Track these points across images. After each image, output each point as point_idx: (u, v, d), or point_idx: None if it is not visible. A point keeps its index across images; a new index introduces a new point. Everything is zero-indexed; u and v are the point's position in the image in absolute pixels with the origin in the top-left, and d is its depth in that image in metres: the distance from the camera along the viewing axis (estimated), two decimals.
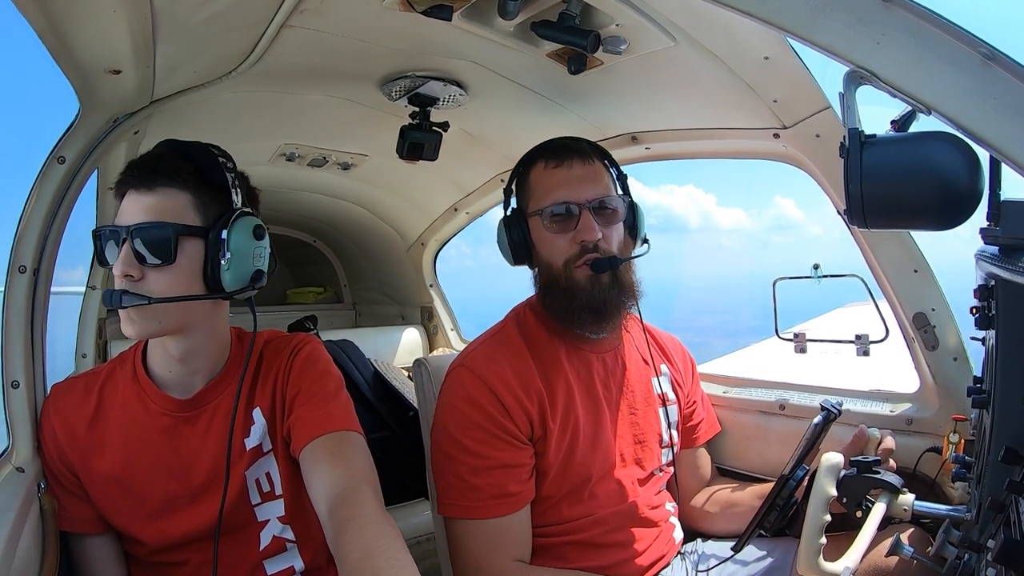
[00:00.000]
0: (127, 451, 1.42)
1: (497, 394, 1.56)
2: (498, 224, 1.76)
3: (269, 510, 1.50)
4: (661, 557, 1.72)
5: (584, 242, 1.61)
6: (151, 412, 1.44)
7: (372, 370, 3.08)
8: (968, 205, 0.96)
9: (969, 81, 0.90)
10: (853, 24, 0.96)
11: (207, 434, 1.45)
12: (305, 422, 1.43)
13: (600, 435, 1.67)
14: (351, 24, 1.59)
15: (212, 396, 1.47)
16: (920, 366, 1.77)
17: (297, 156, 2.63)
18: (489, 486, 1.54)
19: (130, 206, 1.32)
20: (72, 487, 1.43)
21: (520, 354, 1.65)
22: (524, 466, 1.58)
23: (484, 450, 1.55)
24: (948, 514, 1.37)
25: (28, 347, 1.46)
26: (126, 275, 1.28)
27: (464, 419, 1.57)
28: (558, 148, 1.70)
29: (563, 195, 1.62)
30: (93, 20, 1.19)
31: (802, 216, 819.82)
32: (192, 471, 1.44)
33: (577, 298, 1.62)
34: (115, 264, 1.29)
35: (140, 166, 1.33)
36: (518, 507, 1.56)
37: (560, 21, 1.53)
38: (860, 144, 1.00)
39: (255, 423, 1.49)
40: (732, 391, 2.19)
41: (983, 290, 1.19)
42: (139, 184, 1.31)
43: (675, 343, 2.00)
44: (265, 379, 1.52)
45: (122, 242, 1.29)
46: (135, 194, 1.32)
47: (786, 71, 1.58)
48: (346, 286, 4.34)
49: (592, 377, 1.72)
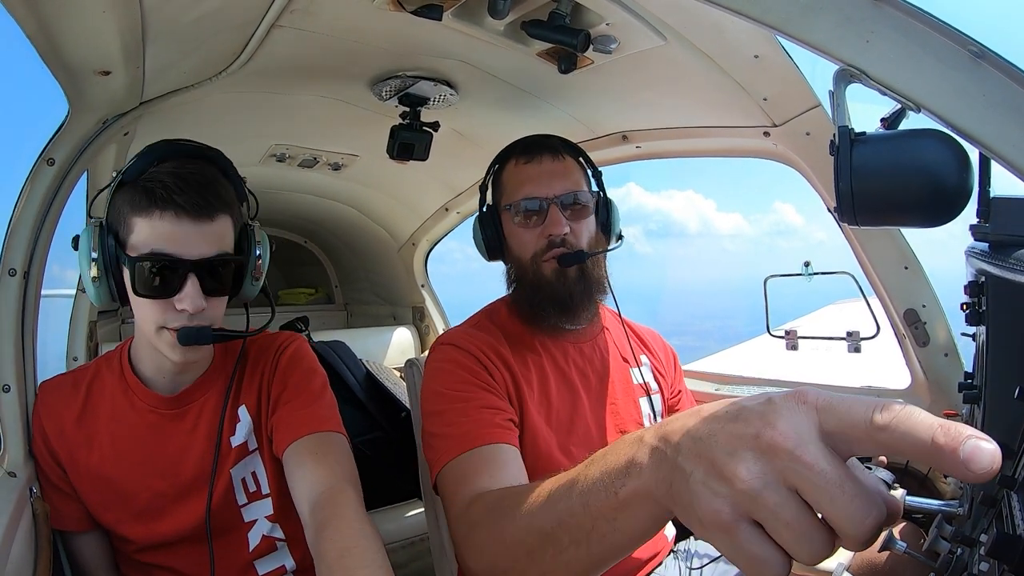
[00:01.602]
0: (114, 448, 1.42)
1: (477, 357, 1.56)
2: (474, 221, 1.77)
3: (256, 510, 1.50)
4: (654, 555, 1.71)
5: (551, 236, 1.61)
6: (138, 409, 1.44)
7: (364, 371, 3.07)
8: (958, 202, 0.97)
9: (958, 79, 0.91)
10: (843, 22, 0.97)
11: (194, 431, 1.46)
12: (289, 422, 1.43)
13: (577, 422, 1.66)
14: (341, 24, 1.59)
15: (198, 394, 1.47)
16: (911, 362, 1.78)
17: (287, 157, 2.62)
18: (474, 422, 1.45)
19: (186, 233, 1.26)
20: (61, 484, 1.43)
21: (494, 335, 1.66)
22: (509, 412, 1.53)
23: (471, 393, 1.51)
24: (940, 509, 1.37)
25: (19, 351, 1.45)
26: (197, 309, 1.28)
27: (448, 375, 1.55)
28: (529, 144, 1.71)
29: (531, 190, 1.63)
30: (82, 21, 1.19)
31: (802, 222, 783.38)
32: (178, 468, 1.44)
33: (542, 291, 1.63)
34: (181, 299, 1.27)
35: (191, 188, 1.26)
36: (498, 439, 1.42)
37: (550, 20, 1.53)
38: (850, 142, 1.00)
39: (240, 421, 1.49)
40: (723, 388, 2.19)
41: (973, 286, 1.20)
42: (196, 212, 1.26)
43: (654, 336, 1.99)
44: (251, 377, 1.52)
45: (186, 275, 1.27)
46: (190, 222, 1.26)
47: (776, 69, 1.58)
48: (337, 287, 4.33)
49: (569, 366, 1.71)
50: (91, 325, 2.68)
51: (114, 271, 1.31)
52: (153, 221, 1.25)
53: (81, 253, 1.30)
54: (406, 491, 2.81)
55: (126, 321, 3.25)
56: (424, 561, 2.64)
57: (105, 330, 2.97)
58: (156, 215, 1.24)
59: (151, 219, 1.25)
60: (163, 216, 1.24)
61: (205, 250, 1.28)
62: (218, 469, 1.42)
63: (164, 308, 1.29)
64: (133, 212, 1.26)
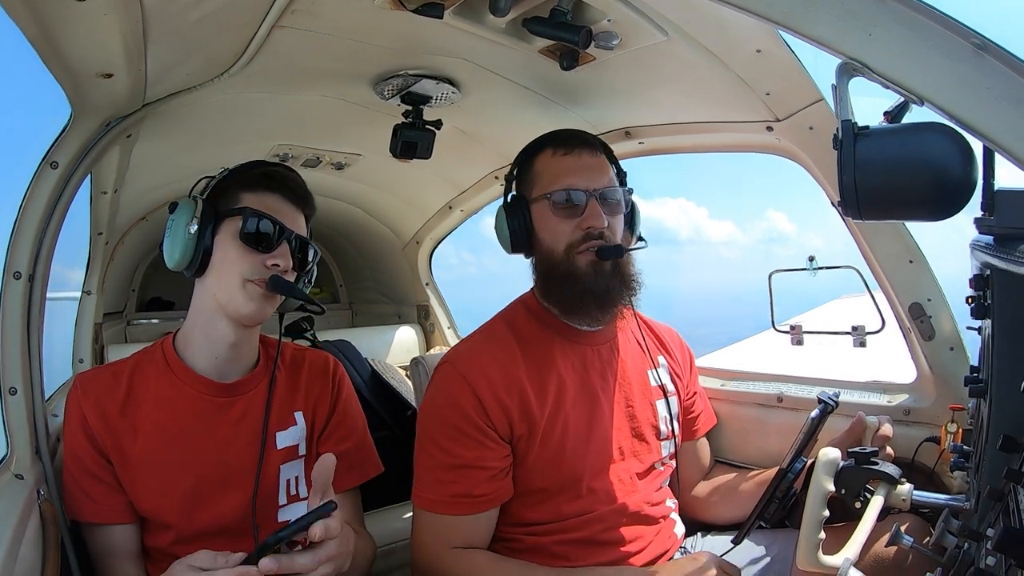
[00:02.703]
0: (159, 436, 1.45)
1: (476, 391, 1.57)
2: (497, 211, 1.75)
3: (291, 512, 1.54)
4: (663, 553, 1.71)
5: (590, 228, 1.62)
6: (185, 396, 1.49)
7: (370, 370, 3.08)
8: (962, 195, 0.96)
9: (961, 71, 0.90)
10: (845, 16, 0.96)
11: (241, 422, 1.51)
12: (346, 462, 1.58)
13: (595, 428, 1.67)
14: (342, 23, 1.59)
15: (249, 387, 1.55)
16: (917, 356, 1.77)
17: (291, 157, 2.62)
18: (453, 484, 1.57)
19: (289, 212, 1.54)
20: (103, 474, 1.44)
21: (508, 349, 1.66)
22: (492, 468, 1.58)
23: (455, 448, 1.57)
24: (947, 503, 1.37)
25: (25, 353, 1.45)
26: (285, 269, 1.49)
27: (441, 417, 1.60)
28: (567, 137, 1.72)
29: (572, 181, 1.64)
30: (84, 24, 1.19)
31: (793, 229, 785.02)
32: (224, 457, 1.47)
33: (578, 283, 1.63)
34: (275, 256, 1.48)
35: (298, 183, 1.59)
36: (475, 510, 1.58)
37: (552, 17, 1.53)
38: (853, 136, 1.00)
39: (296, 424, 1.58)
40: (730, 384, 2.19)
41: (978, 279, 1.20)
42: (298, 199, 1.57)
43: (672, 335, 2.00)
44: (309, 388, 1.64)
45: (283, 240, 1.50)
46: (293, 206, 1.55)
47: (778, 64, 1.58)
48: (342, 286, 4.33)
49: (587, 370, 1.72)
50: (96, 327, 2.68)
51: (208, 236, 1.47)
52: (265, 196, 1.51)
53: (179, 213, 1.47)
54: (412, 490, 2.81)
55: (131, 322, 3.27)
56: None
57: (110, 332, 2.98)
58: (268, 193, 1.51)
59: (262, 195, 1.51)
60: (274, 194, 1.52)
61: (299, 230, 1.54)
62: (269, 465, 1.51)
63: (255, 262, 1.46)
64: (244, 190, 1.51)
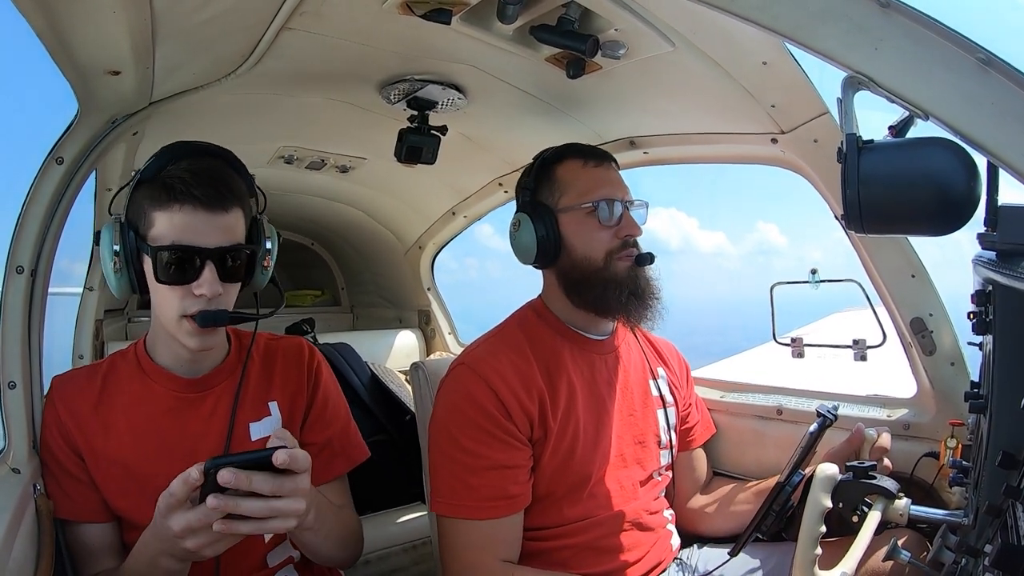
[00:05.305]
0: (132, 433, 1.45)
1: (497, 393, 1.56)
2: (515, 221, 1.75)
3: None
4: (659, 563, 1.72)
5: (628, 236, 1.68)
6: (156, 394, 1.48)
7: (369, 373, 3.08)
8: (965, 210, 0.96)
9: (966, 86, 0.91)
10: (852, 30, 0.96)
11: (212, 416, 1.50)
12: (331, 451, 1.61)
13: (601, 434, 1.68)
14: (350, 27, 1.59)
15: (219, 379, 1.53)
16: (917, 371, 1.77)
17: (295, 159, 2.62)
18: (485, 487, 1.54)
19: (203, 224, 1.34)
20: (78, 473, 1.43)
21: (521, 351, 1.66)
22: (521, 467, 1.58)
23: (482, 450, 1.55)
24: (945, 519, 1.37)
25: (25, 348, 1.45)
26: (212, 295, 1.36)
27: (463, 418, 1.58)
28: (592, 150, 1.76)
29: (610, 191, 1.69)
30: (93, 21, 1.19)
31: (785, 242, 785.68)
32: (196, 453, 1.44)
33: (621, 286, 1.66)
34: (200, 284, 1.34)
35: (207, 183, 1.34)
36: (513, 510, 1.57)
37: (559, 25, 1.53)
38: (858, 149, 1.00)
39: (271, 415, 1.55)
40: (729, 396, 2.18)
41: (980, 295, 1.19)
42: (211, 204, 1.34)
43: (670, 347, 2.01)
44: (285, 378, 1.60)
45: (204, 263, 1.35)
46: (206, 213, 1.34)
47: (784, 76, 1.58)
48: (343, 289, 4.32)
49: (596, 377, 1.73)
50: (97, 324, 2.68)
51: (135, 263, 1.39)
52: (172, 214, 1.33)
53: (103, 247, 1.38)
54: (410, 494, 2.81)
55: (132, 320, 3.26)
56: (427, 564, 2.64)
57: (111, 328, 2.98)
58: (175, 208, 1.33)
59: (170, 212, 1.33)
60: (182, 208, 1.33)
61: (220, 239, 1.36)
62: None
63: (183, 294, 1.36)
64: (153, 207, 1.35)
